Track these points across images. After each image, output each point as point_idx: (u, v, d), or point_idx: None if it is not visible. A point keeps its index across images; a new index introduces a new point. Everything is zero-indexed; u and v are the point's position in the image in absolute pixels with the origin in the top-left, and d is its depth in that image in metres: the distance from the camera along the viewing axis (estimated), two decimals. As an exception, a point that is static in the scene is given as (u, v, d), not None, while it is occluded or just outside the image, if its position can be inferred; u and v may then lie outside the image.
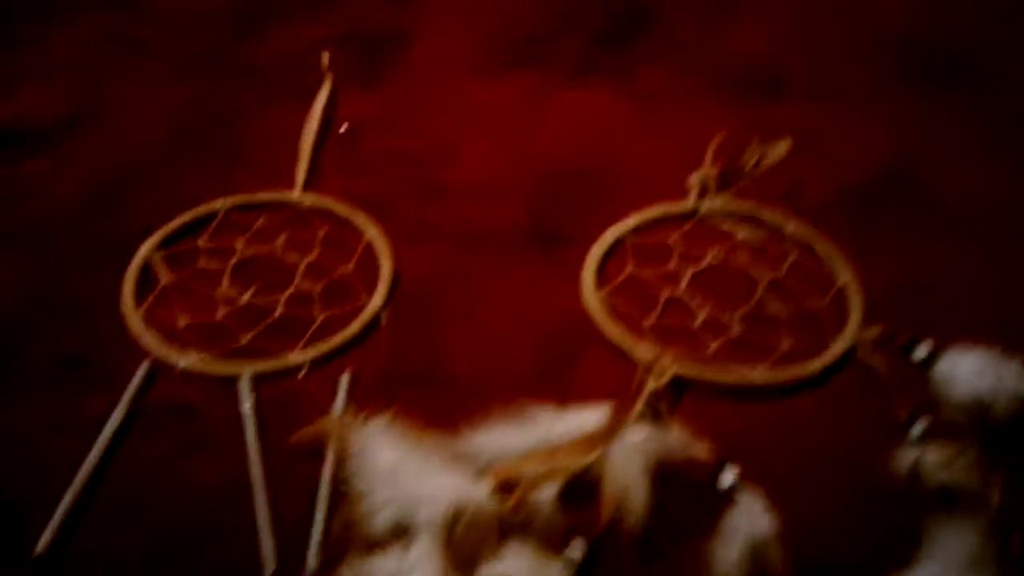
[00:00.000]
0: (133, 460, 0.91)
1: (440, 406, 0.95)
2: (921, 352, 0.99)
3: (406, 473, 0.82)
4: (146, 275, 1.08)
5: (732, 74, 1.40)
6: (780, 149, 1.20)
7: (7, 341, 1.01)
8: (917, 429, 0.93)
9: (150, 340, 1.00)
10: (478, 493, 0.82)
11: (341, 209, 1.16)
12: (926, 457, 0.90)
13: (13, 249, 1.11)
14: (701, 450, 0.91)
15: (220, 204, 1.16)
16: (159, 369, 0.99)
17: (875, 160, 1.26)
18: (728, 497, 0.88)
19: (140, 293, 1.06)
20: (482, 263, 1.12)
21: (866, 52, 1.45)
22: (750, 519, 0.85)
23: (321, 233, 1.14)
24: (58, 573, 0.83)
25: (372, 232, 1.13)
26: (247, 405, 0.94)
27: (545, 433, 0.90)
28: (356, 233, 1.14)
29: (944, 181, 1.23)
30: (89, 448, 0.90)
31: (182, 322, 1.03)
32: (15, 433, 0.93)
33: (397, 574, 0.76)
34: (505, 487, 0.84)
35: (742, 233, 1.15)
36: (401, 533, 0.79)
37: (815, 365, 1.00)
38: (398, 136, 1.29)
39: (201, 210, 1.15)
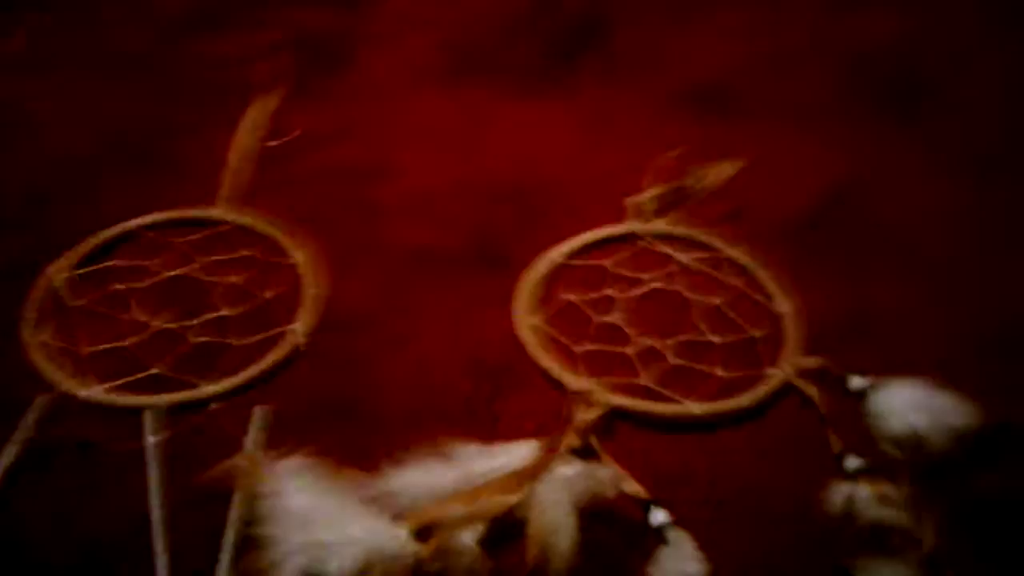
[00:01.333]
0: (28, 499, 0.86)
1: (361, 443, 0.91)
2: (857, 383, 0.97)
3: (319, 517, 0.78)
4: (53, 300, 1.03)
5: (682, 91, 1.38)
6: (724, 171, 1.18)
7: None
8: (852, 464, 0.90)
9: (51, 369, 0.95)
10: (395, 539, 0.78)
11: (266, 228, 1.12)
12: (859, 493, 0.87)
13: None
14: (632, 486, 0.88)
15: (139, 222, 1.11)
16: (61, 400, 0.93)
17: (822, 184, 1.24)
18: (659, 536, 0.84)
19: (45, 319, 1.01)
20: (417, 287, 1.08)
21: (820, 72, 1.43)
22: (680, 560, 0.82)
23: (244, 254, 1.09)
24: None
25: (299, 254, 1.08)
26: (152, 440, 0.89)
27: (470, 471, 0.86)
28: (282, 254, 1.09)
29: (890, 208, 1.21)
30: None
31: (87, 350, 0.98)
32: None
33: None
34: (424, 531, 0.80)
35: (681, 258, 1.12)
36: (310, 583, 0.75)
37: (752, 396, 0.97)
38: (337, 150, 1.25)
39: (118, 229, 1.10)
